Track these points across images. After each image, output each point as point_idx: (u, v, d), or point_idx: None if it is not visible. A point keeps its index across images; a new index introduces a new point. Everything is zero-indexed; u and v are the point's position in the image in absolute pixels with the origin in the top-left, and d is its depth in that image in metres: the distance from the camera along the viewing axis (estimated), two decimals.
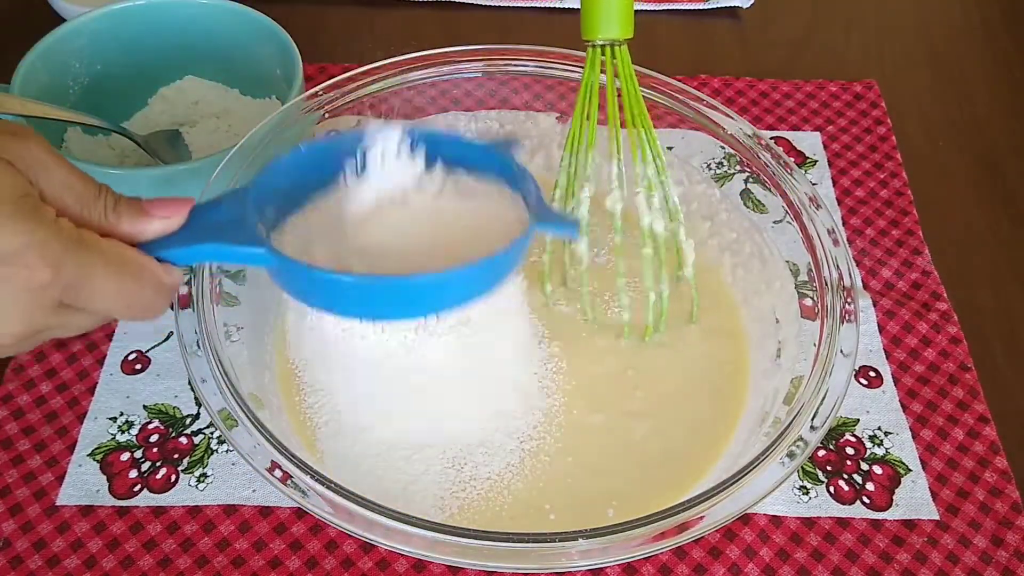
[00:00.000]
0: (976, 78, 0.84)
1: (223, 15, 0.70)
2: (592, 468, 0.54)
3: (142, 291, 0.39)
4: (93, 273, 0.37)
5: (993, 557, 0.54)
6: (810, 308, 0.55)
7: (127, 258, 0.39)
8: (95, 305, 0.38)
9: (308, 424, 0.55)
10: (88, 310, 0.38)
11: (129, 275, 0.39)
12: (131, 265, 0.39)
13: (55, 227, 0.36)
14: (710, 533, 0.47)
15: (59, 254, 0.36)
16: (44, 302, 0.36)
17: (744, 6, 0.89)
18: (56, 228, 0.36)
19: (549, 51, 0.65)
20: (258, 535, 0.54)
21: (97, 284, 0.37)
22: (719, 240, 0.65)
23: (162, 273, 0.40)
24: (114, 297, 0.38)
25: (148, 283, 0.40)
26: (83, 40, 0.67)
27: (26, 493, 0.55)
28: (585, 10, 0.53)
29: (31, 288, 0.35)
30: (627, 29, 0.53)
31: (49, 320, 0.37)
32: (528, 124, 0.69)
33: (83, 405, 0.59)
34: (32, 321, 0.37)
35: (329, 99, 0.62)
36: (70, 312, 0.38)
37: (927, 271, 0.68)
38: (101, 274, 0.38)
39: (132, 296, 0.39)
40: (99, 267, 0.37)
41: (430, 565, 0.53)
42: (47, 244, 0.35)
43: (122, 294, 0.39)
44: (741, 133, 0.62)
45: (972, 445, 0.59)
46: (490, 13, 0.88)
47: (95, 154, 0.68)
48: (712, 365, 0.60)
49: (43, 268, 0.35)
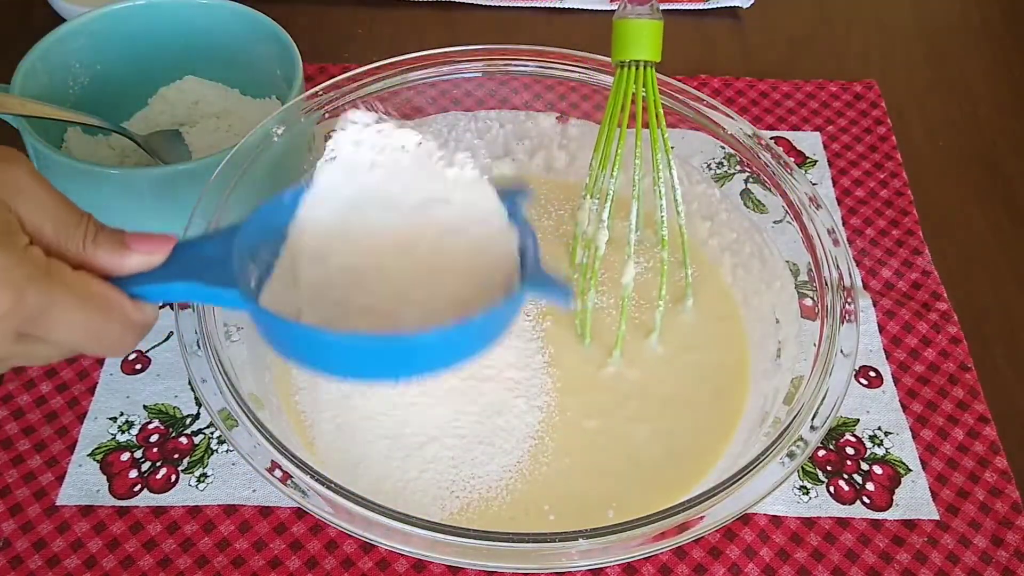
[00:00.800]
0: (976, 78, 0.84)
1: (223, 15, 0.70)
2: (592, 469, 0.54)
3: (108, 326, 0.38)
4: (56, 304, 0.36)
5: (993, 557, 0.54)
6: (810, 308, 0.55)
7: (94, 292, 0.38)
8: (58, 337, 0.37)
9: (308, 424, 0.55)
10: (51, 342, 0.38)
11: (95, 309, 0.38)
12: (98, 299, 0.38)
13: (22, 255, 0.36)
14: (710, 533, 0.47)
15: (21, 282, 0.35)
16: (4, 330, 0.35)
17: (744, 6, 0.89)
18: (23, 256, 0.36)
19: (549, 51, 0.65)
20: (258, 535, 0.54)
21: (60, 316, 0.37)
22: (719, 240, 0.65)
23: (131, 310, 0.39)
24: (78, 330, 0.38)
25: (115, 319, 0.39)
26: (83, 40, 0.67)
27: (26, 493, 0.55)
28: (618, 33, 0.55)
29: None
30: (656, 53, 0.55)
31: (9, 348, 0.36)
32: (528, 124, 0.69)
33: (83, 405, 0.59)
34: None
35: (329, 99, 0.62)
36: (32, 342, 0.37)
37: (927, 271, 0.68)
38: (65, 306, 0.37)
39: (97, 331, 0.38)
40: (62, 300, 0.37)
41: (430, 565, 0.53)
42: (10, 271, 0.35)
43: (87, 328, 0.38)
44: (741, 133, 0.62)
45: (972, 445, 0.59)
46: (490, 13, 0.88)
47: (95, 154, 0.68)
48: (712, 365, 0.60)
49: (3, 294, 0.34)
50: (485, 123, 0.69)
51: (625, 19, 0.55)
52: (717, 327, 0.62)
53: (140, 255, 0.39)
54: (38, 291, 0.36)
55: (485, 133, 0.69)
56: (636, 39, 0.55)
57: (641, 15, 0.55)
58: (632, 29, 0.54)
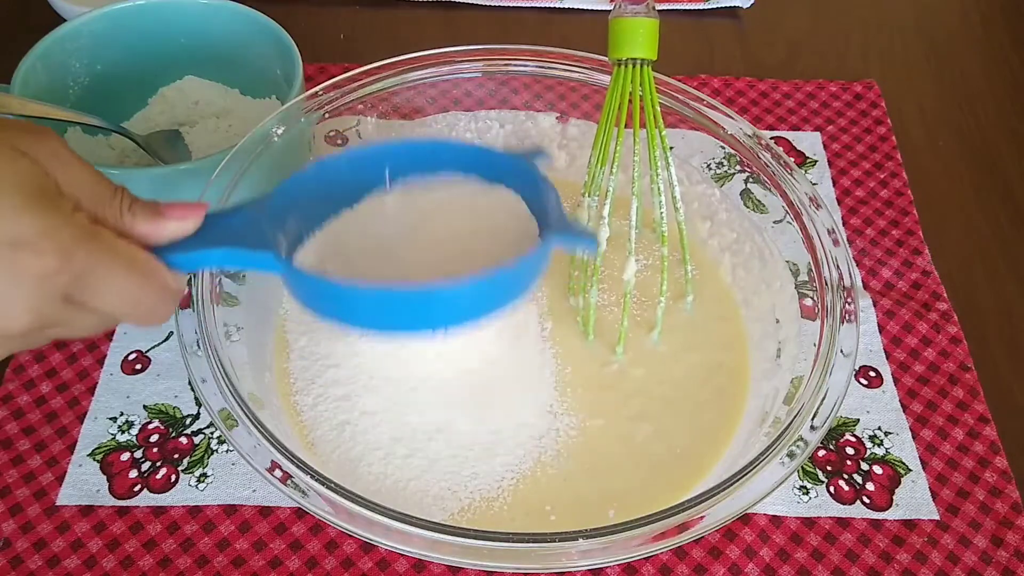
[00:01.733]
0: (976, 78, 0.84)
1: (223, 15, 0.70)
2: (595, 469, 0.54)
3: (148, 294, 0.39)
4: (102, 268, 0.37)
5: (993, 557, 0.54)
6: (810, 308, 0.55)
7: (138, 258, 0.39)
8: (101, 302, 0.38)
9: (308, 424, 0.55)
10: (93, 308, 0.38)
11: (137, 275, 0.38)
12: (141, 265, 0.39)
13: (70, 217, 0.36)
14: (710, 533, 0.48)
15: (70, 244, 0.35)
16: (51, 292, 0.36)
17: (744, 6, 0.89)
18: (70, 218, 0.36)
19: (549, 51, 0.65)
20: (258, 535, 0.54)
21: (105, 280, 0.37)
22: (719, 240, 0.65)
23: (170, 278, 0.40)
24: (120, 296, 0.38)
25: (155, 286, 0.39)
26: (83, 40, 0.67)
27: (26, 493, 0.55)
28: (614, 31, 0.55)
29: (39, 275, 0.35)
30: (652, 51, 0.55)
31: (55, 313, 0.37)
32: (528, 124, 0.69)
33: (83, 405, 0.59)
34: (38, 312, 0.36)
35: (329, 99, 0.62)
36: (76, 309, 0.37)
37: (927, 271, 0.68)
38: (110, 270, 0.37)
39: (138, 298, 0.39)
40: (108, 263, 0.37)
41: (430, 565, 0.53)
42: (59, 232, 0.35)
43: (128, 294, 0.38)
44: (741, 133, 0.62)
45: (972, 445, 0.59)
46: (490, 13, 0.88)
47: (95, 154, 0.68)
48: (713, 366, 0.60)
49: (52, 255, 0.35)
50: (485, 123, 0.69)
51: (621, 18, 0.55)
52: (717, 327, 0.62)
53: (175, 222, 0.40)
54: (85, 253, 0.36)
55: (485, 133, 0.69)
56: (632, 37, 0.55)
57: (637, 13, 0.55)
58: (628, 27, 0.55)
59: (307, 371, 0.57)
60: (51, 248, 0.35)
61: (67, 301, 0.37)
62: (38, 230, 0.35)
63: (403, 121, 0.66)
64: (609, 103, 0.56)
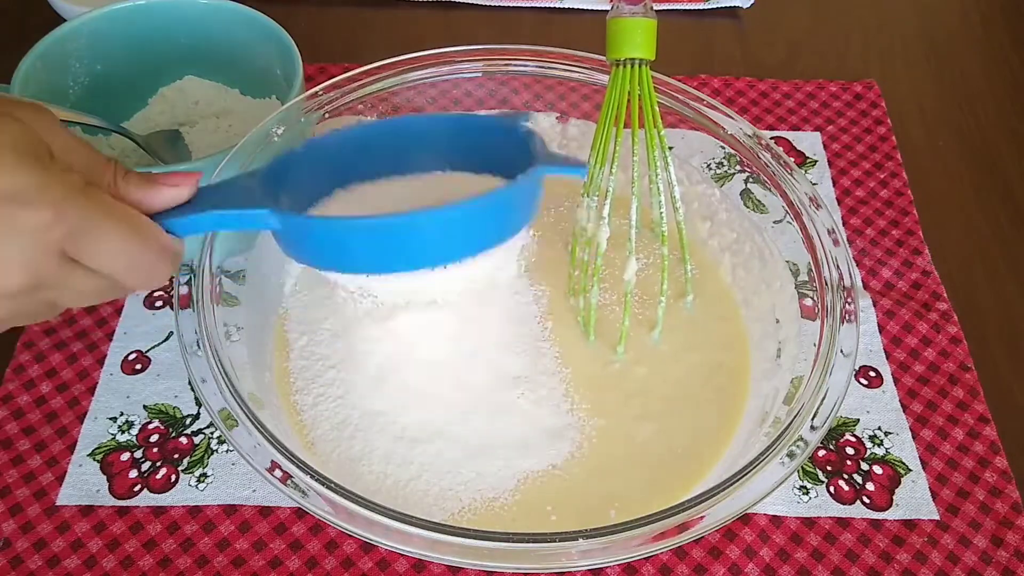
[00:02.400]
0: (976, 78, 0.84)
1: (223, 15, 0.70)
2: (595, 469, 0.54)
3: (146, 251, 0.39)
4: (97, 223, 0.37)
5: (993, 557, 0.54)
6: (810, 308, 0.55)
7: (132, 215, 0.39)
8: (98, 260, 0.38)
9: (308, 424, 0.55)
10: (91, 267, 0.38)
11: (134, 231, 0.38)
12: (137, 222, 0.39)
13: (61, 173, 0.36)
14: (710, 533, 0.47)
15: (63, 198, 0.36)
16: (46, 246, 0.36)
17: (744, 6, 0.89)
18: (62, 174, 0.36)
19: (549, 51, 0.65)
20: (258, 535, 0.54)
21: (101, 235, 0.37)
22: (719, 240, 0.65)
23: (166, 239, 0.40)
24: (118, 252, 0.38)
25: (153, 244, 0.39)
26: (83, 40, 0.67)
27: (26, 493, 0.55)
28: (612, 32, 0.56)
29: (33, 228, 0.35)
30: (650, 51, 0.56)
31: (51, 270, 0.37)
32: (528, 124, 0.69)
33: (83, 405, 0.59)
34: (34, 268, 0.36)
35: (329, 99, 0.62)
36: (72, 267, 0.37)
37: (927, 271, 0.68)
38: (105, 225, 0.37)
39: (136, 255, 0.39)
40: (104, 218, 0.37)
41: (430, 565, 0.53)
42: (52, 187, 0.35)
43: (126, 251, 0.38)
44: (741, 133, 0.62)
45: (972, 445, 0.59)
46: (490, 13, 0.88)
47: None
48: (714, 365, 0.60)
49: (44, 208, 0.35)
50: None
51: (619, 18, 0.55)
52: (718, 326, 0.62)
53: (169, 188, 0.41)
54: (77, 207, 0.36)
55: None
56: (630, 38, 0.55)
57: (635, 14, 0.55)
58: (626, 28, 0.55)
59: (307, 371, 0.57)
60: (45, 201, 0.35)
61: (63, 258, 0.37)
62: (31, 184, 0.35)
63: None
64: (608, 103, 0.56)
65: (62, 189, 0.36)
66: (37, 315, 0.39)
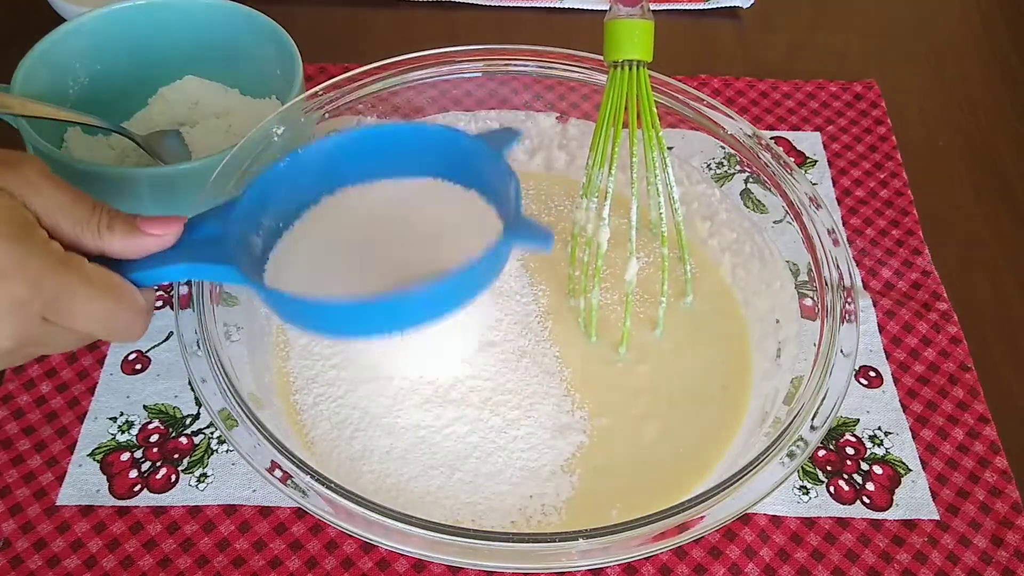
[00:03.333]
0: (976, 78, 0.84)
1: (223, 15, 0.70)
2: (598, 469, 0.54)
3: (120, 313, 0.42)
4: (73, 292, 0.40)
5: (993, 557, 0.54)
6: (810, 308, 0.55)
7: (109, 281, 0.41)
8: (75, 323, 0.40)
9: (308, 423, 0.55)
10: (70, 328, 0.41)
11: (109, 297, 0.41)
12: (112, 288, 0.41)
13: (41, 248, 0.39)
14: (710, 533, 0.48)
15: (40, 273, 0.38)
16: (27, 316, 0.39)
17: (744, 6, 0.89)
18: (41, 249, 0.39)
19: (549, 51, 0.65)
20: (258, 535, 0.54)
21: (77, 304, 0.40)
22: (719, 240, 0.65)
23: (139, 297, 0.43)
24: (93, 317, 0.41)
25: (126, 307, 0.42)
26: (83, 40, 0.67)
27: (26, 493, 0.55)
28: (609, 34, 0.56)
29: (12, 302, 0.38)
30: (648, 52, 0.56)
31: (34, 333, 0.40)
32: (528, 124, 0.69)
33: (83, 405, 0.59)
34: (18, 334, 0.39)
35: (329, 99, 0.62)
36: (54, 328, 0.40)
37: (927, 271, 0.68)
38: (81, 294, 0.40)
39: (110, 318, 0.41)
40: (79, 288, 0.40)
41: (430, 565, 0.53)
42: (30, 263, 0.38)
43: (101, 315, 0.41)
44: (741, 133, 0.62)
45: (972, 445, 0.59)
46: (490, 13, 0.88)
47: (95, 154, 0.68)
48: (715, 364, 0.60)
49: (23, 284, 0.38)
50: (485, 123, 0.69)
51: (616, 20, 0.55)
52: (718, 326, 0.62)
53: (151, 239, 0.42)
54: (56, 281, 0.39)
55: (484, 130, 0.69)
56: (628, 39, 0.55)
57: (632, 15, 0.55)
58: (623, 29, 0.55)
59: (307, 371, 0.57)
60: (21, 277, 0.38)
61: (45, 322, 0.40)
62: (10, 262, 0.38)
63: (403, 121, 0.66)
64: (605, 105, 0.56)
65: (40, 264, 0.38)
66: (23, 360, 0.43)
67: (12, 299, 0.38)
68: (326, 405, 0.56)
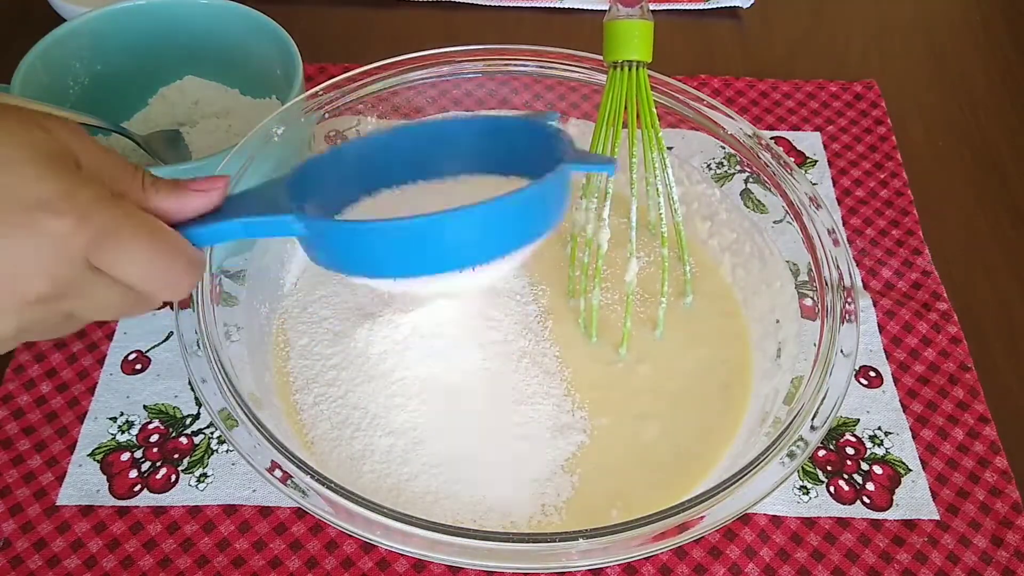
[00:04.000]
0: (976, 78, 0.84)
1: (223, 15, 0.70)
2: (599, 469, 0.54)
3: (174, 262, 0.38)
4: (121, 231, 0.36)
5: (993, 557, 0.54)
6: (810, 308, 0.55)
7: (158, 226, 0.38)
8: (122, 269, 0.37)
9: (308, 423, 0.55)
10: (114, 276, 0.37)
11: (159, 241, 0.38)
12: (162, 232, 0.38)
13: (87, 181, 0.36)
14: (710, 533, 0.47)
15: (86, 204, 0.35)
16: (69, 252, 0.35)
17: (744, 6, 0.89)
18: (88, 182, 0.36)
19: (549, 51, 0.65)
20: (258, 535, 0.54)
21: (125, 244, 0.36)
22: (719, 240, 0.65)
23: (192, 250, 0.39)
24: (142, 262, 0.37)
25: (178, 255, 0.38)
26: (83, 40, 0.67)
27: (26, 493, 0.55)
28: (609, 34, 0.56)
29: (56, 235, 0.35)
30: (647, 53, 0.56)
31: (74, 278, 0.36)
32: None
33: (83, 405, 0.59)
34: (57, 275, 0.35)
35: (329, 99, 0.62)
36: (96, 277, 0.37)
37: (927, 271, 0.68)
38: (129, 234, 0.36)
39: (161, 265, 0.38)
40: (128, 226, 0.36)
41: (430, 565, 0.53)
42: (75, 194, 0.35)
43: (151, 260, 0.37)
44: (741, 133, 0.62)
45: (972, 445, 0.59)
46: (490, 13, 0.88)
47: None
48: (716, 363, 0.60)
49: (68, 214, 0.35)
50: None
51: (615, 20, 0.55)
52: (719, 326, 0.62)
53: (199, 195, 0.40)
54: (102, 215, 0.36)
55: None
56: (627, 40, 0.55)
57: (631, 16, 0.55)
58: (623, 30, 0.55)
59: (307, 371, 0.57)
60: (69, 208, 0.35)
61: (87, 266, 0.36)
62: (56, 191, 0.35)
63: (403, 121, 0.66)
64: (605, 105, 0.57)
65: (87, 196, 0.35)
66: (56, 328, 0.38)
67: (57, 231, 0.35)
68: (326, 405, 0.56)
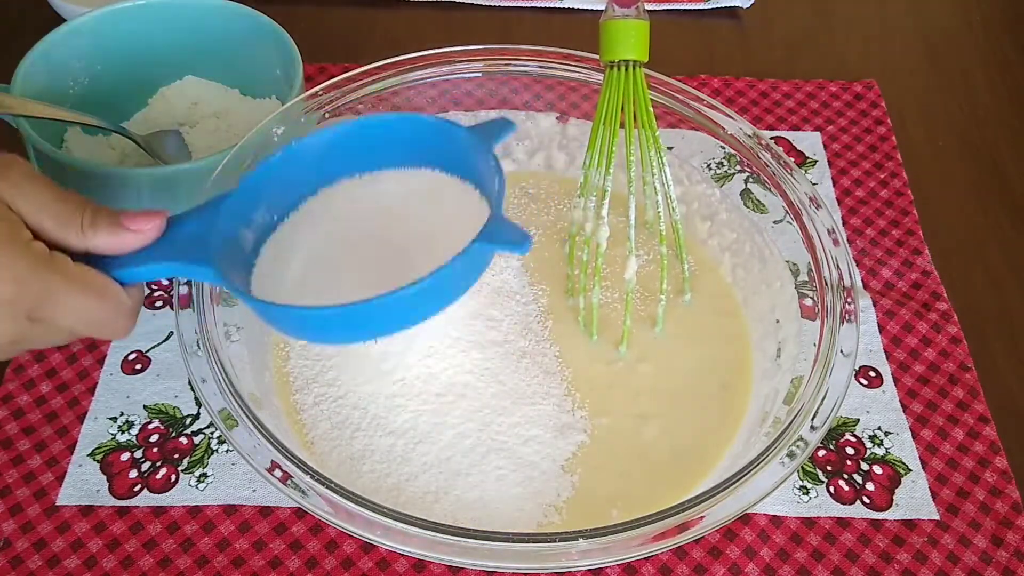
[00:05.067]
0: (976, 78, 0.84)
1: (223, 15, 0.70)
2: (599, 469, 0.54)
3: (104, 311, 0.42)
4: (57, 292, 0.40)
5: (993, 557, 0.54)
6: (810, 308, 0.55)
7: (91, 280, 0.42)
8: (61, 322, 0.41)
9: (308, 423, 0.55)
10: (56, 326, 0.42)
11: (92, 295, 0.42)
12: (93, 286, 0.42)
13: (25, 249, 0.40)
14: (710, 533, 0.48)
15: (24, 273, 0.39)
16: (14, 314, 0.40)
17: (744, 6, 0.89)
18: (25, 250, 0.40)
19: (549, 51, 0.65)
20: (258, 535, 0.54)
21: (61, 302, 0.41)
22: (719, 240, 0.65)
23: (123, 296, 0.43)
24: (78, 315, 0.41)
25: (109, 305, 0.42)
26: (83, 40, 0.67)
27: (26, 493, 0.55)
28: (605, 34, 0.56)
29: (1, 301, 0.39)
30: (643, 52, 0.56)
31: (23, 331, 0.41)
32: (528, 124, 0.69)
33: (83, 405, 0.59)
34: (6, 332, 0.40)
35: (329, 99, 0.62)
36: (42, 326, 0.41)
37: (927, 271, 0.68)
38: (64, 292, 0.41)
39: (94, 315, 0.42)
40: (63, 286, 0.41)
41: (430, 565, 0.53)
42: (14, 264, 0.39)
43: (85, 313, 0.42)
44: (741, 133, 0.62)
45: (972, 445, 0.59)
46: (490, 13, 0.88)
47: (95, 154, 0.68)
48: (716, 362, 0.60)
49: (9, 285, 0.39)
50: None
51: (612, 20, 0.56)
52: (719, 326, 0.62)
53: (134, 235, 0.43)
54: (39, 280, 0.40)
55: None
56: (623, 40, 0.55)
57: (628, 16, 0.56)
58: (619, 30, 0.55)
59: (307, 371, 0.57)
60: (8, 278, 0.39)
61: (32, 320, 0.41)
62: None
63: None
64: (602, 105, 0.57)
65: (25, 264, 0.39)
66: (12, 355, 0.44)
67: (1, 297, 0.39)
68: (326, 405, 0.56)
